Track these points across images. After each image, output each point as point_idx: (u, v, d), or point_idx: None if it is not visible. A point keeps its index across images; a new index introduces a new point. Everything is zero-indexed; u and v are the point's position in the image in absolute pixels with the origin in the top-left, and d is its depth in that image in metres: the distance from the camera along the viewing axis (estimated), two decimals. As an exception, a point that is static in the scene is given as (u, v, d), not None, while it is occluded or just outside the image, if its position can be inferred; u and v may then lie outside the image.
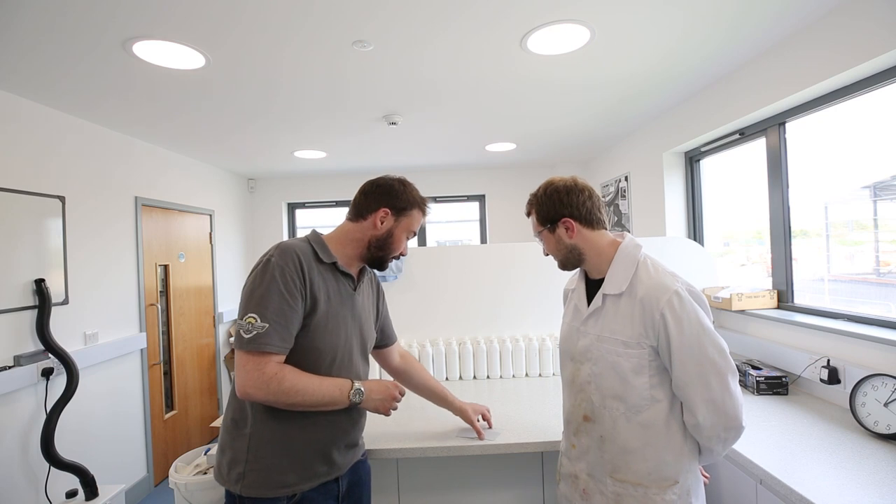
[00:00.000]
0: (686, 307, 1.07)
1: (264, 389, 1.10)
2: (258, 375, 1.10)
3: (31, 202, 2.41)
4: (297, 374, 1.14)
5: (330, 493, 1.26)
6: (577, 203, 1.20)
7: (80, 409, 2.61)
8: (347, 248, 1.29)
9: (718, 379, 1.06)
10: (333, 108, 2.76)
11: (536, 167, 4.93)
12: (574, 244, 1.22)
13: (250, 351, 1.10)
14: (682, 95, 2.76)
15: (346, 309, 1.28)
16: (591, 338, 1.19)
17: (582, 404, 1.21)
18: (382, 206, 1.29)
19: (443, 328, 2.44)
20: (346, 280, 1.29)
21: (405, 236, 1.33)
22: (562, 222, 1.21)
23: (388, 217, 1.29)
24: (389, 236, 1.29)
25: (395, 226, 1.30)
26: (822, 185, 2.14)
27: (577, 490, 1.22)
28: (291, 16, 1.71)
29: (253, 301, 1.12)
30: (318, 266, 1.23)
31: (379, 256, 1.31)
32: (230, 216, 4.60)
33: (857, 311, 1.91)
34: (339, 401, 1.18)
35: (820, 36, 1.85)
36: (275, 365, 1.12)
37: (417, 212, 1.33)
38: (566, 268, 1.28)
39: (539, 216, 1.25)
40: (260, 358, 1.10)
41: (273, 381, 1.10)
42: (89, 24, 1.71)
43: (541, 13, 1.75)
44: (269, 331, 1.10)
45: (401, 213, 1.30)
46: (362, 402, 1.23)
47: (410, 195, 1.32)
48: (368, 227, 1.29)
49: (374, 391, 1.25)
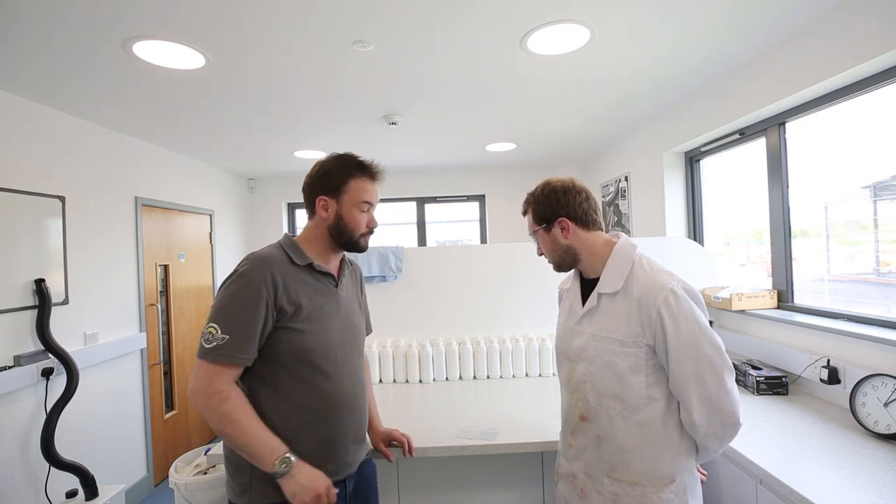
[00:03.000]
0: (682, 305, 1.07)
1: (203, 402, 1.09)
2: (205, 385, 1.09)
3: (32, 202, 2.41)
4: (242, 407, 1.10)
5: (338, 495, 1.24)
6: (574, 203, 1.21)
7: (80, 409, 2.61)
8: (317, 246, 1.28)
9: (714, 376, 1.06)
10: (333, 108, 2.76)
11: (536, 167, 4.92)
12: (569, 244, 1.22)
13: (206, 360, 1.10)
14: (682, 95, 2.76)
15: (332, 307, 1.27)
16: (586, 337, 1.19)
17: (578, 404, 1.21)
18: (318, 195, 1.26)
19: (443, 328, 2.44)
20: (326, 278, 1.28)
21: (358, 210, 1.26)
22: (557, 222, 1.21)
23: (328, 202, 1.25)
24: (340, 219, 1.25)
25: (340, 207, 1.25)
26: (822, 185, 2.14)
27: (574, 490, 1.22)
28: (291, 16, 1.71)
29: (217, 312, 1.12)
30: (295, 270, 1.22)
31: (345, 242, 1.28)
32: (230, 216, 4.60)
33: (857, 311, 1.91)
34: (263, 461, 1.08)
35: (820, 36, 1.85)
36: (226, 383, 1.10)
37: (358, 180, 1.26)
38: (561, 269, 1.28)
39: (535, 215, 1.26)
40: (214, 368, 1.10)
41: (215, 397, 1.08)
42: (89, 24, 1.70)
43: (541, 13, 1.75)
44: (229, 342, 1.10)
45: (338, 192, 1.25)
46: (284, 476, 1.09)
47: (341, 169, 1.26)
48: (320, 219, 1.27)
49: (303, 476, 1.10)
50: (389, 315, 2.43)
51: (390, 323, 2.43)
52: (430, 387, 2.24)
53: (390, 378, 2.33)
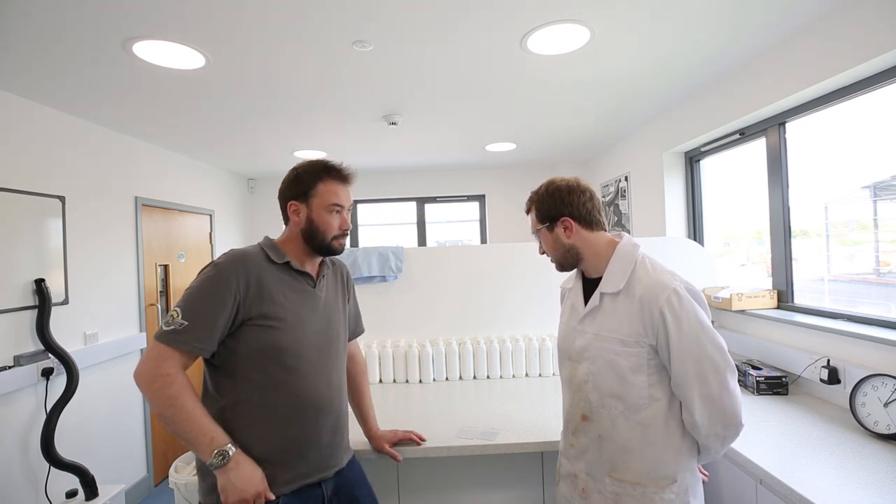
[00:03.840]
0: (685, 305, 1.07)
1: (148, 383, 1.07)
2: (152, 367, 1.07)
3: (32, 202, 2.41)
4: (186, 392, 1.08)
5: (314, 497, 1.24)
6: (578, 203, 1.21)
7: (81, 409, 2.61)
8: (294, 249, 1.29)
9: (716, 376, 1.06)
10: (333, 108, 2.76)
11: (536, 167, 4.92)
12: (572, 244, 1.22)
13: (160, 341, 1.09)
14: (682, 95, 2.76)
15: (308, 306, 1.27)
16: (588, 337, 1.19)
17: (580, 403, 1.21)
18: (288, 201, 1.29)
19: (443, 328, 2.44)
20: (303, 278, 1.28)
21: (328, 213, 1.26)
22: (561, 221, 1.21)
23: (299, 207, 1.27)
24: (311, 223, 1.26)
25: (310, 211, 1.26)
26: (822, 185, 2.14)
27: (576, 490, 1.22)
28: (291, 16, 1.71)
29: (183, 298, 1.14)
30: (272, 267, 1.23)
31: (318, 245, 1.28)
32: (230, 216, 4.60)
33: (857, 311, 1.91)
34: (200, 449, 1.06)
35: (820, 36, 1.85)
36: (174, 367, 1.08)
37: (327, 183, 1.27)
38: (563, 268, 1.28)
39: (539, 213, 1.26)
40: (166, 350, 1.08)
41: (160, 379, 1.06)
42: (89, 24, 1.70)
43: (541, 13, 1.75)
44: (187, 329, 1.09)
45: (307, 196, 1.26)
46: (219, 470, 1.07)
47: (310, 173, 1.27)
48: (293, 224, 1.29)
49: (237, 474, 1.07)
50: (389, 315, 2.43)
51: (390, 323, 2.43)
52: (430, 387, 2.24)
53: (390, 378, 2.33)
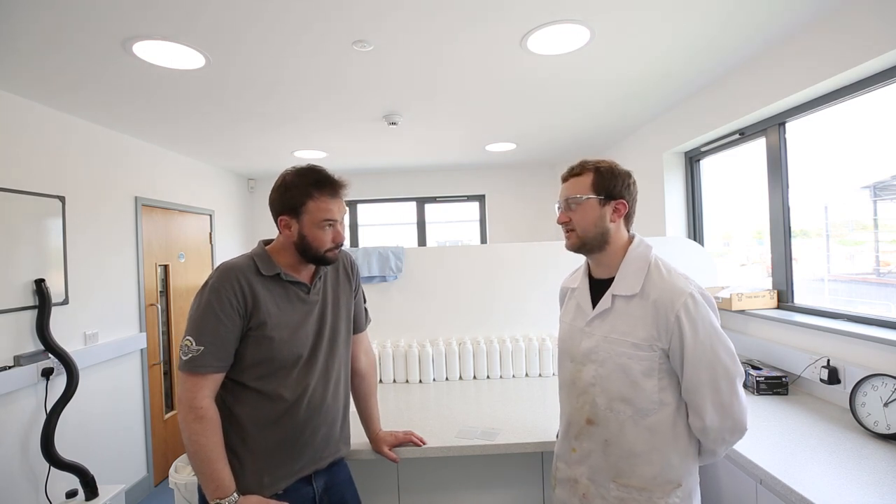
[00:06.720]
0: (700, 311, 1.07)
1: (184, 412, 1.15)
2: (189, 398, 1.14)
3: (31, 202, 2.41)
4: (211, 430, 1.14)
5: (304, 495, 1.27)
6: (634, 195, 1.22)
7: (81, 409, 2.61)
8: (287, 257, 1.28)
9: (728, 383, 1.06)
10: (333, 108, 2.76)
11: (536, 167, 4.92)
12: (608, 229, 1.18)
13: (183, 371, 1.15)
14: (682, 95, 2.75)
15: (301, 314, 1.27)
16: (596, 339, 1.17)
17: (585, 407, 1.19)
18: (279, 216, 1.26)
19: (443, 328, 2.44)
20: (296, 287, 1.28)
21: (320, 229, 1.23)
22: (617, 202, 1.18)
23: (290, 222, 1.24)
24: (304, 238, 1.24)
25: (301, 226, 1.23)
26: (822, 185, 2.14)
27: (575, 495, 1.20)
28: (292, 16, 1.71)
29: (191, 324, 1.17)
30: (262, 279, 1.23)
31: (312, 257, 1.27)
32: (230, 216, 4.60)
33: (857, 311, 1.91)
34: (206, 492, 1.14)
35: (820, 35, 1.85)
36: (206, 397, 1.15)
37: (317, 200, 1.22)
38: (581, 248, 1.20)
39: (598, 184, 1.17)
40: (195, 380, 1.15)
41: (194, 412, 1.13)
42: (89, 24, 1.70)
43: (541, 13, 1.75)
44: (204, 353, 1.14)
45: (298, 213, 1.23)
46: None
47: (299, 188, 1.22)
48: (286, 236, 1.27)
49: None
50: (389, 315, 2.43)
51: (390, 323, 2.43)
52: (430, 387, 2.24)
53: (390, 378, 2.33)
